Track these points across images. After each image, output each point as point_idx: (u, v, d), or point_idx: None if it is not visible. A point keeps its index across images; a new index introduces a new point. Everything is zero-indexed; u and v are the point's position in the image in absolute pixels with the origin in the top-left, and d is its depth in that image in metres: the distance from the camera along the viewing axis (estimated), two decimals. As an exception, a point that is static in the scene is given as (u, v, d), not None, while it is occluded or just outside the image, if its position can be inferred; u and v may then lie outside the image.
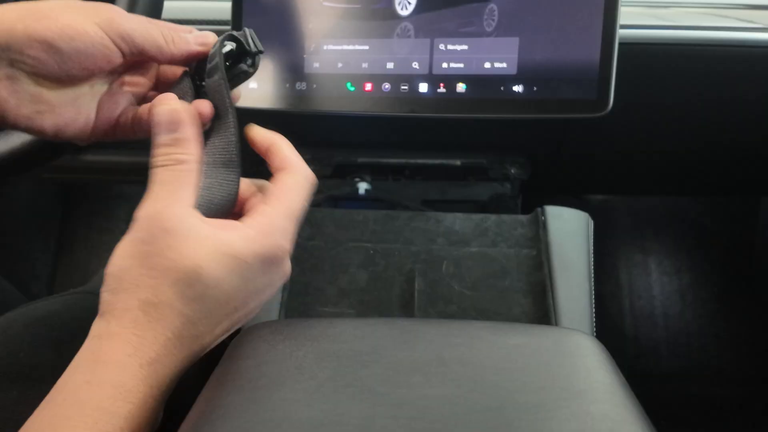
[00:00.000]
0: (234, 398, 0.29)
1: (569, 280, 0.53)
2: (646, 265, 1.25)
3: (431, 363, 0.32)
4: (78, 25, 0.35)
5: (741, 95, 0.75)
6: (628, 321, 1.22)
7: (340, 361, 0.32)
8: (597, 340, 0.36)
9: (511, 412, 0.28)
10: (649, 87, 0.74)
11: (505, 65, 0.62)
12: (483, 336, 0.35)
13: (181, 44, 0.38)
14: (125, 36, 0.36)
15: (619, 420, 0.28)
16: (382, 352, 0.33)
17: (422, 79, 0.64)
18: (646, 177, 0.95)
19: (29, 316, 0.51)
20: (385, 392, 0.29)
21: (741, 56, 0.71)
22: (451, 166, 0.78)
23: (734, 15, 0.82)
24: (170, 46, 0.38)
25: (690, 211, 1.26)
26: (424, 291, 0.54)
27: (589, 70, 0.60)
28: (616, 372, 0.33)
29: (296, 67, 0.65)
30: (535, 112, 0.62)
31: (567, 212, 0.57)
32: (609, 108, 0.60)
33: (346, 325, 0.37)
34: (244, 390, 0.30)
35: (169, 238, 0.32)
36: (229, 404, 0.29)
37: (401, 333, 0.36)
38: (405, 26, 0.64)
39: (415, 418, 0.27)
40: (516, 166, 0.77)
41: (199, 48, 0.39)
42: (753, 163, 0.88)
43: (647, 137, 0.82)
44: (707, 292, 1.22)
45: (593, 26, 0.60)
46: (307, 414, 0.28)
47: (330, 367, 0.31)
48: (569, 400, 0.29)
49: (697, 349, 1.19)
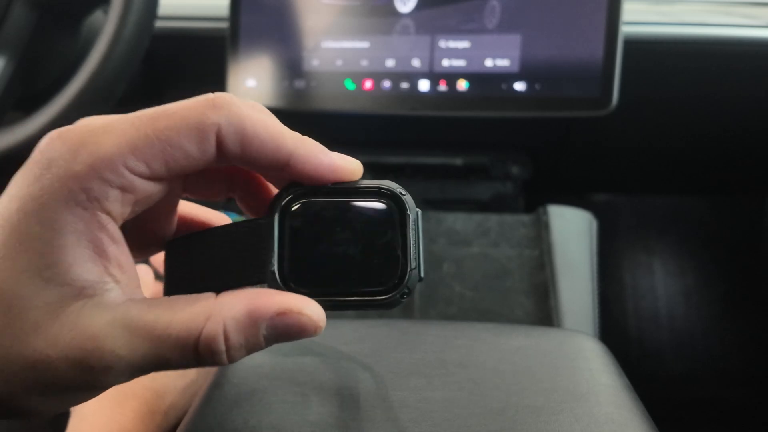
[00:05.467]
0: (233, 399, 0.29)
1: (572, 281, 0.53)
2: (651, 266, 1.25)
3: (432, 365, 0.31)
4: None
5: (746, 93, 0.75)
6: (632, 322, 1.21)
7: (339, 363, 0.32)
8: (600, 342, 0.36)
9: (513, 415, 0.27)
10: (653, 85, 0.74)
11: (507, 62, 0.61)
12: (484, 338, 0.35)
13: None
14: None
15: (623, 423, 0.27)
16: (382, 354, 0.33)
17: (423, 77, 0.63)
18: (650, 175, 0.94)
19: None
20: (385, 394, 0.29)
21: (746, 54, 0.71)
22: (452, 165, 0.78)
23: (739, 12, 0.81)
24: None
25: (695, 211, 1.26)
26: (424, 292, 0.53)
27: (592, 68, 0.60)
28: (619, 374, 0.32)
29: (295, 64, 0.65)
30: (538, 110, 0.61)
31: (570, 212, 0.57)
32: (612, 106, 0.60)
33: (346, 327, 0.36)
34: (243, 391, 0.30)
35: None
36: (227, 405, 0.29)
37: (401, 335, 0.35)
38: (405, 23, 0.63)
39: (416, 421, 0.27)
40: (518, 165, 0.77)
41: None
42: (758, 160, 0.87)
43: (651, 135, 0.82)
44: (712, 293, 1.21)
45: (596, 23, 0.59)
46: (306, 416, 0.27)
47: (330, 369, 0.31)
48: (572, 402, 0.28)
49: (703, 351, 1.18)
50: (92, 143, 0.21)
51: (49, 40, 0.60)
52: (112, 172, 0.21)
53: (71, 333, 0.21)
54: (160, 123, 0.21)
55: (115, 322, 0.21)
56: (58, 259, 0.21)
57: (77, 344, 0.21)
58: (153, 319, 0.21)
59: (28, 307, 0.21)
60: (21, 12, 0.57)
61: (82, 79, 0.54)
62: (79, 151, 0.21)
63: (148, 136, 0.21)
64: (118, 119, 0.22)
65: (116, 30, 0.54)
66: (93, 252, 0.21)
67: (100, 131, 0.21)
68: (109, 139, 0.21)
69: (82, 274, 0.21)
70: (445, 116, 0.64)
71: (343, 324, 0.37)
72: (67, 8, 0.60)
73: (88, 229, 0.21)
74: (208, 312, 0.21)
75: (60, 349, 0.21)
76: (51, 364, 0.21)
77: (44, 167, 0.21)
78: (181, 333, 0.21)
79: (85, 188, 0.21)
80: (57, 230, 0.21)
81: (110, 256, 0.22)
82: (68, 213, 0.21)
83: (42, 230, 0.20)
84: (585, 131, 0.78)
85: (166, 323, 0.21)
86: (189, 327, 0.21)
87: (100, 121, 0.22)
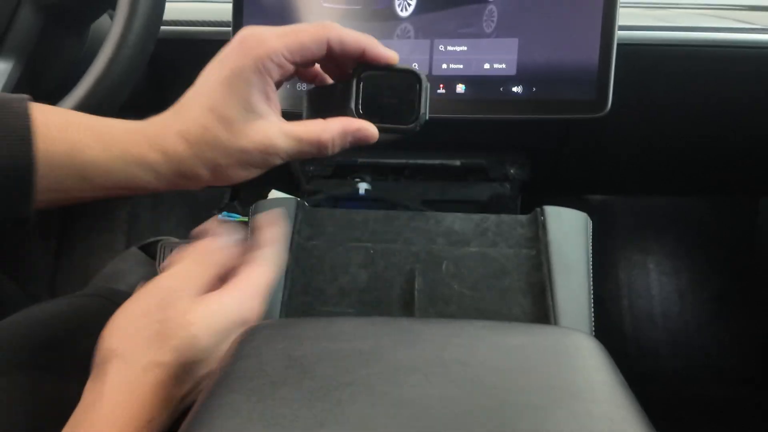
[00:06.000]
0: (234, 398, 0.29)
1: (569, 280, 0.53)
2: (646, 265, 1.26)
3: (431, 362, 0.32)
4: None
5: (739, 96, 0.76)
6: (627, 321, 1.22)
7: (339, 361, 0.32)
8: (596, 340, 0.36)
9: (511, 412, 0.28)
10: (647, 87, 0.75)
11: (504, 66, 0.62)
12: (483, 336, 0.35)
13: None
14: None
15: (619, 420, 0.28)
16: (382, 352, 0.33)
17: (422, 80, 0.64)
18: (645, 177, 0.95)
19: (34, 318, 0.51)
20: (384, 392, 0.29)
21: (739, 57, 0.72)
22: (450, 166, 0.78)
23: (732, 16, 0.82)
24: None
25: (690, 211, 1.27)
26: (424, 291, 0.54)
27: (588, 71, 0.61)
28: (615, 372, 0.33)
29: (296, 67, 0.65)
30: (535, 113, 0.62)
31: (566, 212, 0.57)
32: (608, 108, 0.61)
33: (346, 325, 0.37)
34: (244, 390, 0.30)
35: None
36: (229, 404, 0.29)
37: (401, 332, 0.36)
38: (405, 27, 0.64)
39: (415, 418, 0.27)
40: (516, 166, 0.77)
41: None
42: (751, 163, 0.88)
43: (646, 137, 0.82)
44: (707, 292, 1.22)
45: (592, 27, 0.60)
46: (306, 414, 0.28)
47: (330, 367, 0.31)
48: (569, 400, 0.29)
49: (697, 349, 1.19)
50: (266, 41, 0.39)
51: (55, 43, 0.60)
52: (276, 57, 0.39)
53: (259, 135, 0.40)
54: (300, 36, 0.40)
55: (280, 131, 0.41)
56: (251, 99, 0.39)
57: (262, 141, 0.40)
58: (298, 130, 0.41)
59: (239, 122, 0.39)
60: (28, 15, 0.57)
61: (89, 82, 0.55)
62: (260, 45, 0.39)
63: (294, 41, 0.40)
64: (274, 31, 0.40)
65: (122, 34, 0.54)
66: (265, 98, 0.40)
67: (270, 36, 0.40)
68: (274, 41, 0.39)
69: (262, 108, 0.40)
70: (443, 119, 0.65)
71: (344, 321, 0.38)
72: (73, 12, 0.61)
73: (263, 86, 0.40)
74: (324, 127, 0.42)
75: (255, 144, 0.40)
76: (249, 152, 0.40)
77: (242, 52, 0.39)
78: (312, 137, 0.41)
79: (264, 64, 0.39)
80: (251, 85, 0.39)
81: (272, 101, 0.41)
82: (255, 76, 0.39)
83: (244, 85, 0.39)
84: (582, 133, 0.79)
85: (304, 132, 0.41)
86: (315, 134, 0.42)
87: (267, 31, 0.40)
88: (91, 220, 1.30)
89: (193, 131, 0.39)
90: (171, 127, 0.40)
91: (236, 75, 0.39)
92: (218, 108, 0.39)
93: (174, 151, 0.39)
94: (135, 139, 0.39)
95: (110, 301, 0.56)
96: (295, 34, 0.40)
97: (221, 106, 0.39)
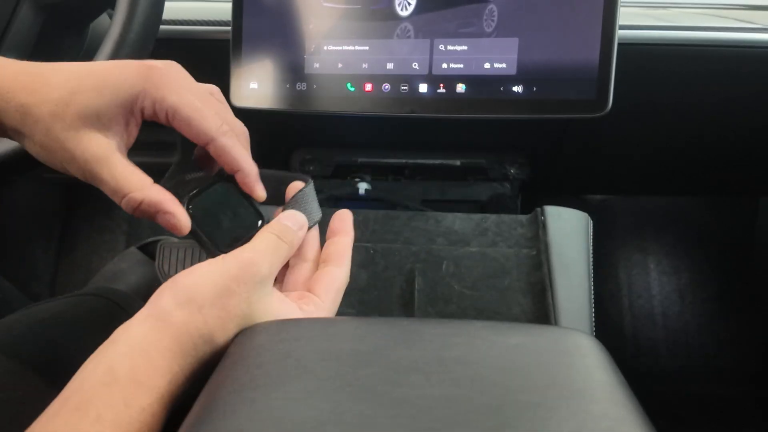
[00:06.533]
0: (234, 398, 0.29)
1: (569, 280, 0.53)
2: (645, 265, 1.26)
3: (431, 362, 0.32)
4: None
5: (739, 95, 0.76)
6: (627, 320, 1.22)
7: (339, 361, 0.32)
8: (596, 340, 0.36)
9: (511, 412, 0.28)
10: (648, 87, 0.75)
11: (504, 66, 0.62)
12: (482, 335, 0.35)
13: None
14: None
15: (619, 419, 0.28)
16: (382, 352, 0.33)
17: (422, 80, 0.64)
18: (645, 177, 0.95)
19: (34, 317, 0.51)
20: (384, 392, 0.29)
21: (739, 57, 0.72)
22: (450, 166, 0.78)
23: (732, 15, 0.82)
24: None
25: (689, 211, 1.27)
26: (423, 291, 0.54)
27: (588, 71, 0.60)
28: (615, 371, 0.33)
29: (297, 67, 0.65)
30: (535, 113, 0.62)
31: (566, 212, 0.57)
32: (608, 108, 0.61)
33: (346, 325, 0.37)
34: (244, 390, 0.30)
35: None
36: (229, 404, 0.29)
37: (401, 332, 0.36)
38: (405, 27, 0.64)
39: (415, 418, 0.27)
40: (515, 166, 0.77)
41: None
42: (751, 163, 0.88)
43: (646, 137, 0.82)
44: (706, 291, 1.23)
45: (593, 27, 0.60)
46: (306, 413, 0.28)
47: (330, 367, 0.31)
48: (568, 399, 0.29)
49: (696, 349, 1.19)
50: (165, 94, 0.40)
51: (55, 42, 0.60)
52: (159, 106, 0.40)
53: (87, 153, 0.39)
54: (196, 114, 0.40)
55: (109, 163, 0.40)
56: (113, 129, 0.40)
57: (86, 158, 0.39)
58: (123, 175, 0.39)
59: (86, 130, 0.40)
60: (28, 14, 0.57)
61: (88, 81, 0.54)
62: (158, 89, 0.40)
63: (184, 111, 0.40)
64: (182, 85, 0.41)
65: (121, 33, 0.54)
66: (127, 135, 0.41)
67: (172, 91, 0.40)
68: (172, 97, 0.40)
69: (114, 141, 0.40)
70: (443, 118, 0.65)
71: (343, 322, 0.38)
72: (73, 12, 0.61)
73: (135, 122, 0.41)
74: (143, 185, 0.39)
75: (81, 155, 0.39)
76: (75, 160, 0.40)
77: (142, 86, 0.40)
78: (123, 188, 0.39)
79: (143, 110, 0.40)
80: (125, 118, 0.40)
81: (132, 135, 0.42)
82: (130, 115, 0.41)
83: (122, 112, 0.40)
84: (582, 133, 0.79)
85: (120, 178, 0.39)
86: (128, 187, 0.39)
87: (174, 82, 0.41)
88: (92, 220, 1.31)
89: (59, 111, 0.39)
90: (61, 99, 0.40)
91: (124, 105, 0.39)
92: (90, 115, 0.39)
93: (36, 113, 0.39)
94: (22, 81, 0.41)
95: (110, 300, 0.56)
96: (195, 109, 0.40)
97: (93, 114, 0.39)
